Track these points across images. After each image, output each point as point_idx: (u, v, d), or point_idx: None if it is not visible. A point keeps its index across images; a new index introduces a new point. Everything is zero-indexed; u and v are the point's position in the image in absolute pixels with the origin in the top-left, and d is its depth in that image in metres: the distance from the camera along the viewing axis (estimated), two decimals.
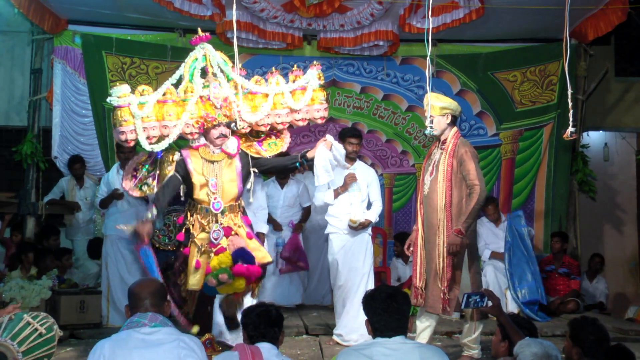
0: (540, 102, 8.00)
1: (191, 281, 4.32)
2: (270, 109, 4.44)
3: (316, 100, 4.51)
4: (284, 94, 4.44)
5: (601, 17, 7.15)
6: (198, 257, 4.32)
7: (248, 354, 3.06)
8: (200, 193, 4.38)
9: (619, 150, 9.30)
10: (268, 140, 4.64)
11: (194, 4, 6.87)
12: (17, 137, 7.67)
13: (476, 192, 4.56)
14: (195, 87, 4.32)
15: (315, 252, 7.31)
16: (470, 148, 4.70)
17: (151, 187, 4.43)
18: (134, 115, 4.20)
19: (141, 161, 4.51)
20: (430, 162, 4.81)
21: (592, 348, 3.23)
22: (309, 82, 4.49)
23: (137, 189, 4.45)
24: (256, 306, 3.41)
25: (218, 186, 4.37)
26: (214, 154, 4.41)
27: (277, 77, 4.51)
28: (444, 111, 4.72)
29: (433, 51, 7.32)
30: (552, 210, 7.95)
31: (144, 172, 4.45)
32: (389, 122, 8.05)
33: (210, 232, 4.31)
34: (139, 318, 2.82)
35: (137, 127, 4.20)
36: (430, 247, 4.68)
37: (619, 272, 9.29)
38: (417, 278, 4.74)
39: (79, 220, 7.37)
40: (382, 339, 2.89)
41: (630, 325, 6.59)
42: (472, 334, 4.72)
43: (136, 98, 4.24)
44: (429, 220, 4.72)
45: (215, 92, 4.30)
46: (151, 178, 4.45)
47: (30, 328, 4.38)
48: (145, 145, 4.23)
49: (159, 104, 4.30)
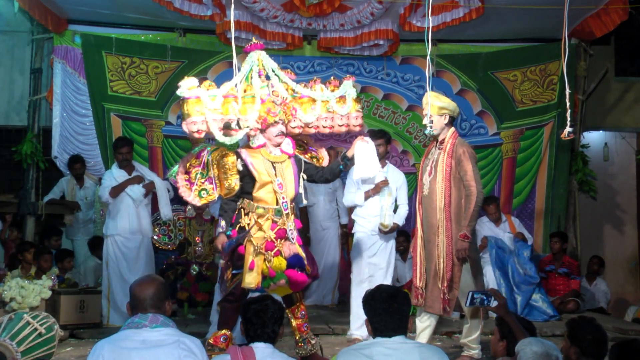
0: (540, 101, 8.00)
1: (247, 279, 4.33)
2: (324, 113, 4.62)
3: (353, 109, 4.69)
4: (329, 101, 4.61)
5: (603, 16, 7.15)
6: (254, 256, 4.34)
7: (240, 357, 3.04)
8: (260, 192, 4.41)
9: (619, 150, 9.31)
10: (310, 154, 4.83)
11: (194, 4, 6.87)
12: (17, 137, 7.67)
13: (473, 194, 4.59)
14: (254, 88, 4.39)
15: (317, 254, 7.31)
16: (468, 148, 4.71)
17: (211, 194, 4.46)
18: (207, 105, 4.22)
19: (192, 165, 4.47)
20: (429, 162, 4.82)
21: (590, 348, 3.23)
22: (347, 92, 4.67)
23: (198, 197, 4.44)
24: (255, 300, 3.30)
25: (284, 186, 4.43)
26: (275, 154, 4.47)
27: (320, 85, 4.66)
28: (443, 111, 4.72)
29: (433, 51, 7.31)
30: (551, 209, 7.95)
31: (198, 177, 4.45)
32: (389, 122, 8.05)
33: (287, 231, 4.38)
34: (140, 319, 2.81)
35: (208, 118, 4.21)
36: (431, 247, 4.68)
37: (619, 272, 9.29)
38: (418, 278, 4.75)
39: (79, 220, 7.37)
40: (382, 338, 2.89)
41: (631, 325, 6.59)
42: (472, 334, 4.73)
43: (205, 91, 4.26)
44: (429, 220, 4.72)
45: (274, 90, 4.44)
46: (207, 182, 4.45)
47: (30, 328, 4.39)
48: (217, 136, 4.23)
49: (225, 99, 4.34)
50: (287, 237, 4.41)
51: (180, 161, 4.53)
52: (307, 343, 4.61)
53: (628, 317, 7.40)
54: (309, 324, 4.71)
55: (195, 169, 4.44)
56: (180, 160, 4.55)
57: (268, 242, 4.37)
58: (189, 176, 4.44)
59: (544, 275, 7.27)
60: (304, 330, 4.63)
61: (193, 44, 7.73)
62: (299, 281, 4.37)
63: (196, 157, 4.45)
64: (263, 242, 4.36)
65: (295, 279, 4.34)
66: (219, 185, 4.45)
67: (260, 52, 4.51)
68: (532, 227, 7.96)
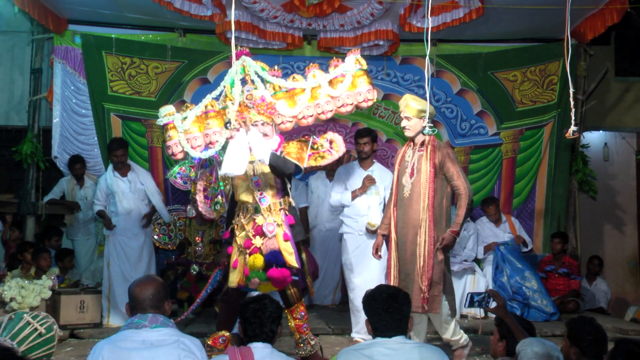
0: (540, 101, 7.99)
1: (230, 278, 4.47)
2: (308, 102, 4.58)
3: (358, 85, 4.58)
4: (320, 85, 4.57)
5: (599, 17, 7.15)
6: (237, 256, 4.46)
7: (238, 357, 3.04)
8: (242, 194, 4.52)
9: (619, 150, 9.31)
10: (317, 155, 4.61)
11: (194, 4, 6.86)
12: (17, 137, 7.67)
13: (464, 194, 4.67)
14: (234, 96, 4.46)
15: (320, 254, 7.31)
16: (450, 150, 4.82)
17: (223, 206, 4.76)
18: (177, 129, 4.57)
19: (208, 181, 4.77)
20: (407, 163, 4.82)
21: (590, 348, 3.23)
22: (347, 68, 4.58)
23: (214, 211, 4.80)
24: (253, 300, 3.29)
25: (262, 183, 4.50)
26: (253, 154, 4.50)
27: (314, 70, 4.64)
28: (422, 114, 4.74)
29: (433, 51, 7.32)
30: (551, 210, 7.95)
31: (211, 192, 4.75)
32: (389, 122, 8.05)
33: (264, 225, 4.43)
34: (139, 319, 2.81)
35: (181, 140, 4.58)
36: (411, 247, 4.68)
37: (619, 272, 9.29)
38: (391, 280, 4.76)
39: (79, 221, 7.37)
40: (382, 339, 2.89)
41: (630, 325, 6.59)
42: (447, 331, 4.74)
43: (179, 115, 4.61)
44: (408, 221, 4.74)
45: (247, 93, 4.50)
46: (220, 195, 4.75)
47: (30, 328, 4.40)
48: (191, 153, 4.59)
49: (201, 117, 4.62)
50: (263, 233, 4.44)
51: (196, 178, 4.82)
52: (307, 344, 4.63)
53: (628, 317, 7.40)
54: (308, 325, 4.71)
55: (211, 185, 4.74)
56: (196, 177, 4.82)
57: (246, 240, 4.44)
58: (206, 192, 4.74)
59: (544, 275, 7.27)
60: (303, 331, 4.64)
61: (193, 44, 7.72)
62: (278, 278, 4.36)
63: (210, 172, 4.75)
64: (243, 241, 4.45)
65: (273, 276, 4.34)
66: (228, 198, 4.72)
67: (245, 59, 4.61)
68: (532, 227, 7.96)
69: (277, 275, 4.36)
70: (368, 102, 4.63)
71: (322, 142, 4.61)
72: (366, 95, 4.61)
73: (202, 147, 4.59)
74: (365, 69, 4.68)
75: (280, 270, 4.37)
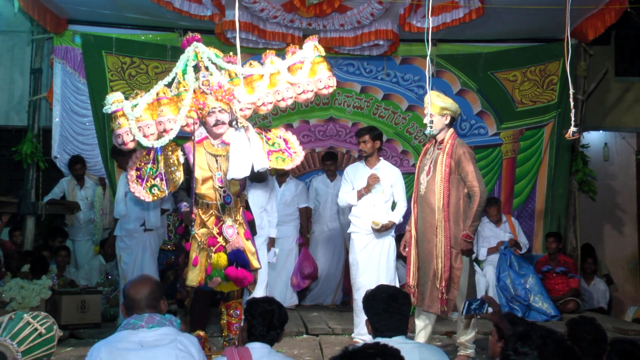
0: (540, 101, 7.99)
1: (189, 277, 4.30)
2: (267, 88, 4.46)
3: (317, 72, 4.51)
4: (279, 71, 4.48)
5: (599, 17, 7.15)
6: (197, 253, 4.31)
7: (236, 358, 3.04)
8: (202, 187, 4.36)
9: (619, 150, 9.31)
10: (278, 154, 4.54)
11: (194, 4, 6.87)
12: (17, 137, 7.67)
13: (477, 195, 4.59)
14: (188, 83, 4.37)
15: (321, 254, 7.31)
16: (467, 149, 4.73)
17: (162, 191, 4.39)
18: (127, 117, 4.26)
19: (142, 161, 4.43)
20: (427, 161, 4.81)
21: (590, 348, 3.23)
22: (305, 55, 4.52)
23: (149, 193, 4.39)
24: (262, 302, 3.25)
25: (224, 181, 4.36)
26: (218, 147, 4.40)
27: (271, 57, 4.56)
28: (444, 111, 4.72)
29: (433, 51, 7.31)
30: (551, 210, 7.95)
31: (148, 172, 4.40)
32: (389, 122, 8.05)
33: (224, 227, 4.29)
34: (136, 320, 2.80)
35: (132, 127, 4.27)
36: (429, 246, 4.68)
37: (618, 272, 9.28)
38: (410, 277, 4.76)
39: (79, 221, 7.37)
40: (382, 339, 2.89)
41: (631, 325, 6.59)
42: (469, 333, 4.73)
43: (129, 102, 4.31)
44: (426, 220, 4.72)
45: (203, 79, 4.35)
46: (159, 179, 4.40)
47: (30, 328, 4.39)
48: (143, 142, 4.27)
49: (153, 104, 4.36)
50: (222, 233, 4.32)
51: (132, 157, 4.50)
52: (232, 344, 4.46)
53: (628, 317, 7.39)
54: (240, 326, 4.50)
55: (146, 165, 4.41)
56: (132, 156, 4.52)
57: (210, 237, 4.31)
58: (139, 172, 4.40)
59: (542, 276, 7.26)
60: (233, 330, 4.53)
61: None
62: (238, 277, 4.25)
63: (147, 152, 4.43)
64: (206, 238, 4.32)
65: (233, 275, 4.23)
66: (170, 181, 4.39)
67: (197, 45, 4.45)
68: (532, 227, 7.96)
69: (238, 275, 4.23)
70: (329, 88, 4.54)
71: (275, 139, 4.54)
72: (327, 82, 4.52)
73: (155, 135, 4.32)
74: (324, 55, 4.60)
75: (240, 270, 4.24)
